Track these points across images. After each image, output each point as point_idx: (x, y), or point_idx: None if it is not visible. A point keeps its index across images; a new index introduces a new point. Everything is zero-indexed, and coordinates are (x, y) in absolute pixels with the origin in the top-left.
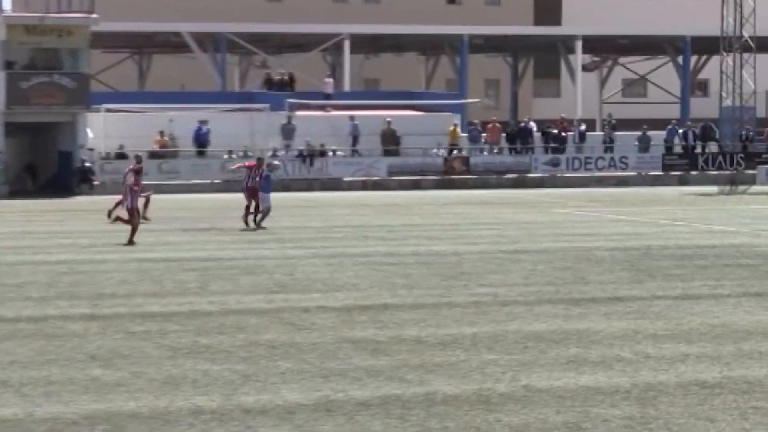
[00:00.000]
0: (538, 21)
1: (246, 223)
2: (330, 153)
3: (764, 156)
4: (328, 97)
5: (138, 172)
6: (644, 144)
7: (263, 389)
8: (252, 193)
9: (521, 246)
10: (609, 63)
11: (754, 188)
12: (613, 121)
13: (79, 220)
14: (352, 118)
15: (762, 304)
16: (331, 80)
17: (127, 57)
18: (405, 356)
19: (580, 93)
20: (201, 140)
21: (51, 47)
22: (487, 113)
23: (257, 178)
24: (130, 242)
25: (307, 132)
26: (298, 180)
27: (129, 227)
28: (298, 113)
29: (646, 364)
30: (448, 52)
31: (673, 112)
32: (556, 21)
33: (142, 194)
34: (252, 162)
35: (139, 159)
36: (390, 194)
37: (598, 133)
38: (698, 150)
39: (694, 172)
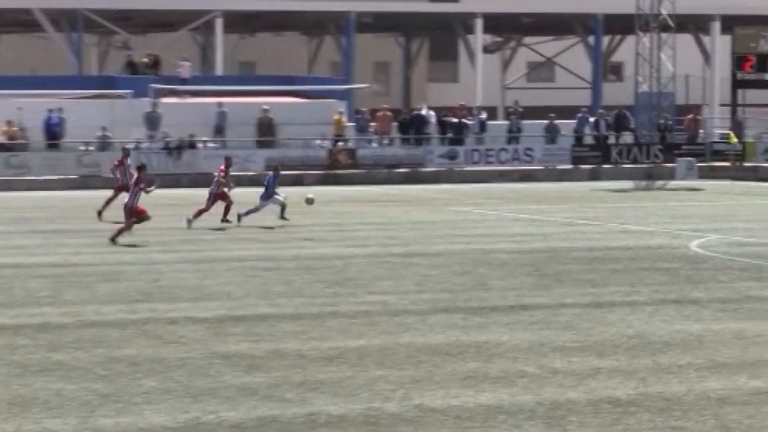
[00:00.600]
0: None
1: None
2: (200, 145)
3: (684, 147)
4: (184, 82)
5: (140, 169)
6: (551, 134)
7: (124, 410)
8: (219, 197)
9: (414, 248)
10: (512, 44)
11: (673, 183)
12: (520, 109)
13: None
14: (219, 105)
15: (681, 312)
16: (187, 63)
17: None
18: (284, 373)
19: (480, 77)
20: (53, 131)
21: None
22: (377, 100)
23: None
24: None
25: (175, 121)
26: (165, 175)
27: (118, 227)
28: (164, 100)
29: (553, 379)
30: (333, 32)
31: (584, 98)
32: None
33: (147, 190)
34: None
35: (126, 152)
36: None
37: (501, 122)
38: (611, 141)
39: (606, 166)
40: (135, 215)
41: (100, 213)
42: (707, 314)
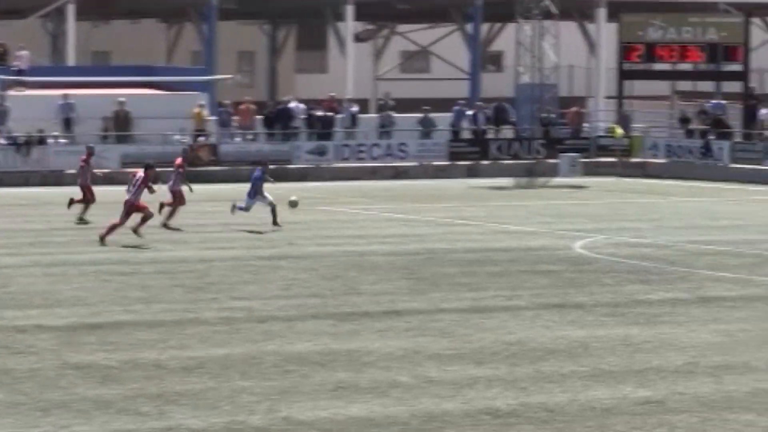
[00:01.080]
0: None
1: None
2: (51, 140)
3: (567, 142)
4: (21, 73)
5: (148, 168)
6: (426, 129)
7: None
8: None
9: (280, 251)
10: (385, 32)
11: (556, 180)
12: (392, 102)
13: None
14: (65, 97)
15: (564, 317)
16: (25, 53)
17: None
18: (141, 384)
19: (351, 68)
20: None
21: None
22: (241, 92)
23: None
24: (102, 239)
25: (23, 115)
26: (13, 173)
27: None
28: (11, 92)
29: (428, 390)
30: (194, 19)
31: (461, 90)
32: None
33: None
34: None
35: (90, 150)
36: (123, 189)
37: (373, 115)
38: (490, 135)
39: (485, 162)
40: (137, 211)
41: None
42: (592, 319)
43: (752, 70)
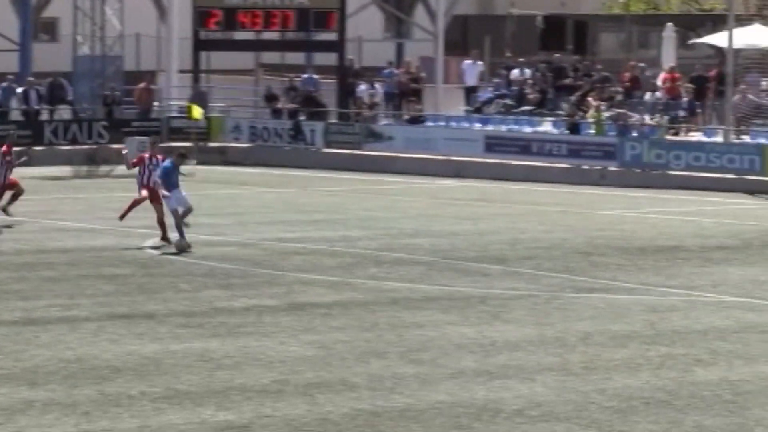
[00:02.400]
0: None
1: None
2: None
3: (135, 124)
4: None
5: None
6: None
7: None
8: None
9: None
10: None
11: (122, 169)
12: None
13: None
14: None
15: (133, 329)
16: None
17: None
18: None
19: None
20: None
21: None
22: None
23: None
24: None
25: None
26: None
27: None
28: None
29: None
30: None
31: (10, 63)
32: None
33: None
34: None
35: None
36: None
37: None
38: (44, 117)
39: (39, 148)
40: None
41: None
42: (165, 331)
43: (349, 40)
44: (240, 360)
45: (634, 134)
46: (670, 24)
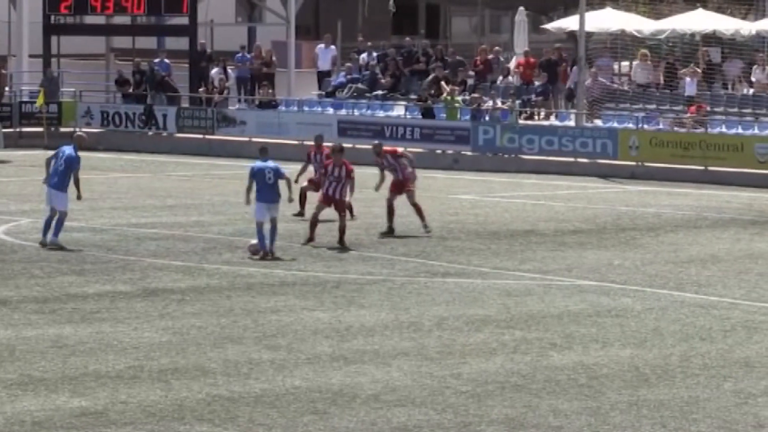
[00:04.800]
0: None
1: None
2: None
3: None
4: None
5: None
6: None
7: None
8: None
9: None
10: None
11: None
12: None
13: None
14: None
15: None
16: None
17: None
18: None
19: None
20: None
21: None
22: None
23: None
24: None
25: None
26: None
27: None
28: None
29: None
30: None
31: None
32: None
33: None
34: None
35: None
36: None
37: None
38: None
39: None
40: None
41: None
42: (18, 318)
43: (201, 24)
44: (94, 346)
45: (487, 119)
46: (522, 8)
